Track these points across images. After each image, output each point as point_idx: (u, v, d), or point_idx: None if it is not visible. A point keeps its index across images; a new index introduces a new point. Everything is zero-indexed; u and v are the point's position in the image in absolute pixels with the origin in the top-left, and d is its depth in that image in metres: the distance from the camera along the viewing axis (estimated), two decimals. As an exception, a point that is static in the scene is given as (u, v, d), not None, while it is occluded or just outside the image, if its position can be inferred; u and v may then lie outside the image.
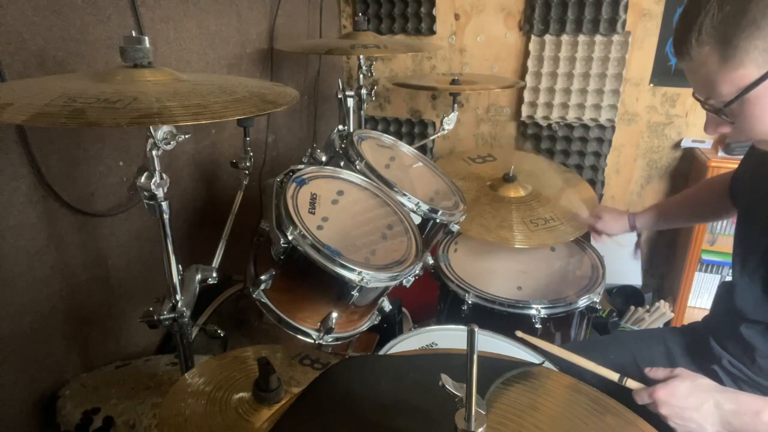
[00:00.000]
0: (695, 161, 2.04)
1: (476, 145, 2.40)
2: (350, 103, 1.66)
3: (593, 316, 1.44)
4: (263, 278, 1.02)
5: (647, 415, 0.88)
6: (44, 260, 1.15)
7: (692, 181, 2.10)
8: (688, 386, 0.88)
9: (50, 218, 1.15)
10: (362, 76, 1.77)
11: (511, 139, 2.33)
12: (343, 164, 1.23)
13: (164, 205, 0.90)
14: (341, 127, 1.55)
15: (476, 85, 1.80)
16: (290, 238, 0.97)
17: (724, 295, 1.07)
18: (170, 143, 0.84)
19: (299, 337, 1.07)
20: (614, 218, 1.43)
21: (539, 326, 1.32)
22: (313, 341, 1.07)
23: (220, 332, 1.42)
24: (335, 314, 1.07)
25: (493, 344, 1.12)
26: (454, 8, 2.19)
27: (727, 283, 1.07)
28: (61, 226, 1.18)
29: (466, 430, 0.44)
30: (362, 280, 0.98)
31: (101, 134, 1.25)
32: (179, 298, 0.98)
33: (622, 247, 1.48)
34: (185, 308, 0.98)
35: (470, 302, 1.37)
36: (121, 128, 1.28)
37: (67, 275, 1.21)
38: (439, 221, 1.25)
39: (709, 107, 0.81)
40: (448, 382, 0.46)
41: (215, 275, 1.06)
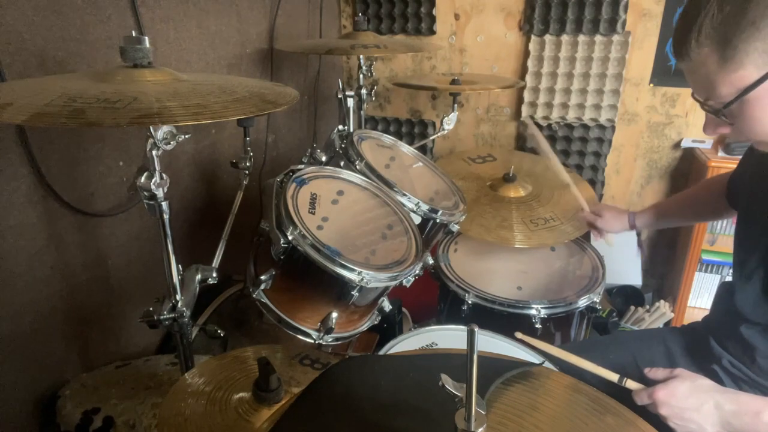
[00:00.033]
0: (695, 161, 2.04)
1: (476, 145, 2.40)
2: (350, 103, 1.66)
3: (593, 316, 1.44)
4: (263, 278, 1.02)
5: (647, 415, 0.88)
6: (44, 260, 1.15)
7: (692, 181, 2.10)
8: (687, 387, 0.88)
9: (50, 218, 1.15)
10: (362, 76, 1.77)
11: (511, 139, 2.33)
12: (343, 164, 1.23)
13: (164, 205, 0.90)
14: (341, 127, 1.56)
15: (476, 85, 1.80)
16: (290, 238, 0.97)
17: (724, 295, 1.07)
18: (170, 143, 0.84)
19: (299, 337, 1.07)
20: (614, 216, 1.43)
21: (539, 326, 1.32)
22: (313, 341, 1.07)
23: (220, 332, 1.42)
24: (335, 314, 1.07)
25: (493, 344, 1.12)
26: (454, 8, 2.19)
27: (727, 283, 1.07)
28: (61, 226, 1.18)
29: (466, 430, 0.44)
30: (362, 280, 0.98)
31: (101, 134, 1.25)
32: (179, 298, 0.99)
33: (611, 246, 1.49)
34: (185, 308, 0.99)
35: (470, 302, 1.37)
36: (121, 128, 1.28)
37: (67, 275, 1.21)
38: (439, 221, 1.25)
39: (708, 108, 0.81)
40: (448, 382, 0.46)
41: (215, 275, 1.06)
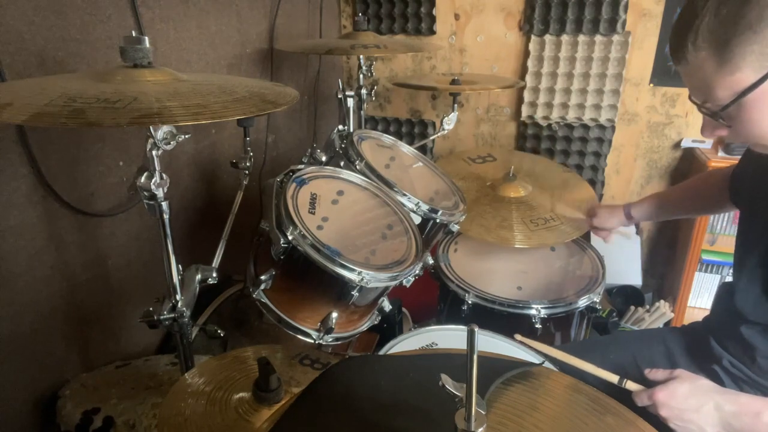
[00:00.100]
0: (695, 161, 2.04)
1: (476, 145, 2.40)
2: (350, 103, 1.66)
3: (593, 316, 1.44)
4: (263, 278, 1.02)
5: (647, 415, 0.88)
6: (44, 260, 1.15)
7: (692, 181, 2.10)
8: (687, 388, 0.88)
9: (50, 218, 1.15)
10: (362, 76, 1.77)
11: (511, 139, 2.33)
12: (343, 164, 1.23)
13: (164, 205, 0.90)
14: (341, 127, 1.55)
15: (476, 85, 1.80)
16: (290, 238, 0.97)
17: (724, 295, 1.07)
18: (170, 143, 0.84)
19: (299, 337, 1.07)
20: (608, 212, 1.43)
21: (539, 326, 1.32)
22: (313, 341, 1.07)
23: (220, 332, 1.42)
24: (335, 314, 1.07)
25: (493, 344, 1.12)
26: (454, 8, 2.19)
27: (727, 283, 1.07)
28: (61, 226, 1.18)
29: (466, 430, 0.43)
30: (362, 280, 0.98)
31: (101, 134, 1.25)
32: (179, 298, 0.99)
33: (628, 238, 1.47)
34: (185, 308, 0.98)
35: (470, 302, 1.37)
36: (121, 128, 1.28)
37: (67, 275, 1.21)
38: (439, 221, 1.25)
39: (705, 111, 0.81)
40: (448, 382, 0.46)
41: (215, 275, 1.06)
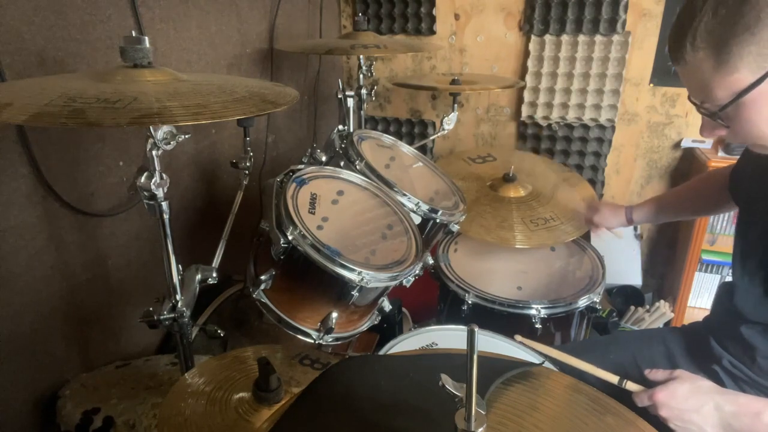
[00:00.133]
0: (695, 161, 2.04)
1: (476, 145, 2.40)
2: (350, 103, 1.66)
3: (593, 316, 1.44)
4: (263, 278, 1.02)
5: (647, 414, 0.88)
6: (44, 260, 1.15)
7: (692, 181, 2.10)
8: (687, 388, 0.88)
9: (50, 218, 1.15)
10: (362, 76, 1.77)
11: (511, 139, 2.33)
12: (343, 164, 1.23)
13: (164, 205, 0.90)
14: (341, 127, 1.55)
15: (476, 85, 1.80)
16: (290, 238, 0.97)
17: (724, 295, 1.07)
18: (170, 143, 0.84)
19: (299, 337, 1.07)
20: (611, 211, 1.43)
21: (539, 326, 1.32)
22: (313, 341, 1.07)
23: (220, 332, 1.42)
24: (335, 314, 1.07)
25: (493, 344, 1.12)
26: (454, 8, 2.19)
27: (727, 283, 1.07)
28: (61, 226, 1.18)
29: (466, 430, 0.43)
30: (362, 280, 0.98)
31: (101, 134, 1.25)
32: (179, 298, 0.99)
33: (620, 239, 1.48)
34: (185, 308, 0.98)
35: (470, 302, 1.37)
36: (121, 128, 1.28)
37: (67, 275, 1.21)
38: (439, 221, 1.25)
39: (704, 111, 0.81)
40: (448, 382, 0.46)
41: (215, 275, 1.06)
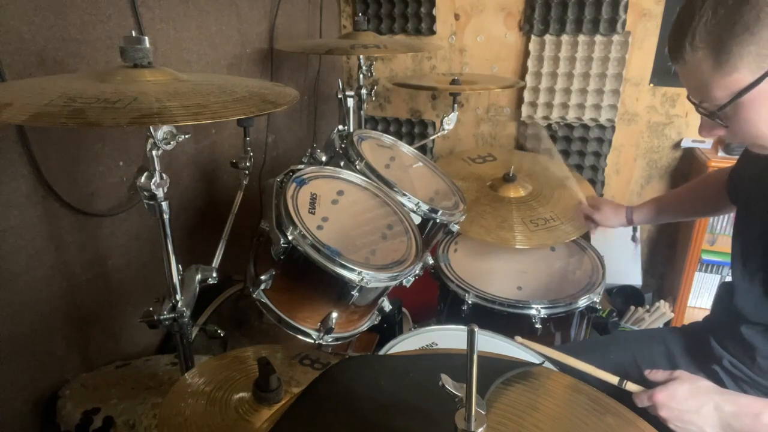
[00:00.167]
0: (695, 161, 2.04)
1: (476, 145, 2.40)
2: (350, 103, 1.66)
3: (593, 316, 1.44)
4: (263, 278, 1.02)
5: (647, 415, 0.88)
6: (44, 260, 1.15)
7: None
8: (687, 389, 0.88)
9: (50, 218, 1.15)
10: (362, 76, 1.77)
11: (511, 139, 2.33)
12: (343, 164, 1.23)
13: (164, 205, 0.90)
14: (341, 127, 1.55)
15: (476, 85, 1.80)
16: (290, 238, 0.97)
17: (724, 295, 1.07)
18: (170, 143, 0.84)
19: (299, 337, 1.07)
20: (613, 211, 1.44)
21: (539, 326, 1.32)
22: (313, 341, 1.07)
23: (220, 332, 1.42)
24: (335, 314, 1.07)
25: (493, 344, 1.12)
26: (454, 8, 2.19)
27: (727, 283, 1.07)
28: (61, 226, 1.18)
29: (466, 430, 0.43)
30: (362, 280, 0.98)
31: (101, 134, 1.25)
32: (179, 298, 0.98)
33: (616, 238, 1.48)
34: (185, 308, 0.98)
35: (470, 302, 1.37)
36: (121, 128, 1.28)
37: (67, 275, 1.21)
38: (439, 221, 1.24)
39: (703, 111, 0.81)
40: (448, 382, 0.46)
41: (215, 275, 1.06)
